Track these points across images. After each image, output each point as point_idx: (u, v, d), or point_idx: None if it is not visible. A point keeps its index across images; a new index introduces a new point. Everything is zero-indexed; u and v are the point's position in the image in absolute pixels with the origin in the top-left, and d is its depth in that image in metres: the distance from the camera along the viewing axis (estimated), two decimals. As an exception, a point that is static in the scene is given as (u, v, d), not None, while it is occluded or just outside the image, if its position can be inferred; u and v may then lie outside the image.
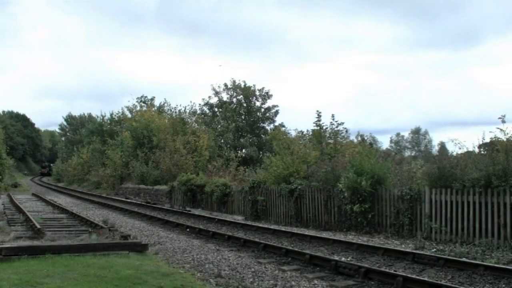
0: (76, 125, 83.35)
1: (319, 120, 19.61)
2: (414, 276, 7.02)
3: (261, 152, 43.31)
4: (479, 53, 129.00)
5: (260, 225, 14.80)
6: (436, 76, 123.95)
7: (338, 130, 19.99)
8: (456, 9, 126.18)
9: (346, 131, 20.50)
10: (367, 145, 18.88)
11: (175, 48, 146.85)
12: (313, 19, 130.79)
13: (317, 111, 20.01)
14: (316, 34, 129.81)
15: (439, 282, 6.80)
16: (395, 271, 7.68)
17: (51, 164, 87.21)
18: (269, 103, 47.22)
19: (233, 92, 46.47)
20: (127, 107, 48.42)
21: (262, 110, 47.12)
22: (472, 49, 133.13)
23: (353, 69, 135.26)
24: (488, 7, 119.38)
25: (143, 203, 24.86)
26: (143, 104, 46.02)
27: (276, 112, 47.11)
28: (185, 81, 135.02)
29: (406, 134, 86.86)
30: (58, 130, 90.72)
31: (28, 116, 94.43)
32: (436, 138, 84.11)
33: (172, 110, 42.39)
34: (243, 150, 43.25)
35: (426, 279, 6.92)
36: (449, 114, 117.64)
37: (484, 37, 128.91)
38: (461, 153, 12.66)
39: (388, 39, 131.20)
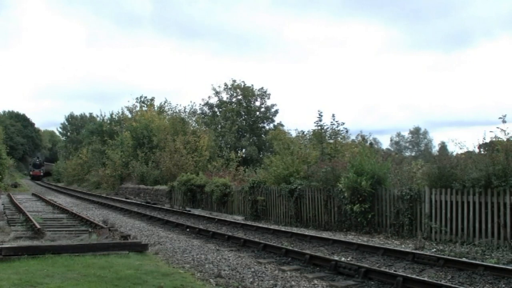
0: (77, 125, 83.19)
1: (320, 120, 19.58)
2: (414, 276, 7.01)
3: (261, 152, 43.33)
4: (472, 54, 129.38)
5: (260, 225, 14.80)
6: (433, 77, 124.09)
7: (339, 130, 19.97)
8: (448, 13, 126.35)
9: (347, 131, 20.50)
10: (367, 145, 18.85)
11: (172, 50, 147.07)
12: (308, 20, 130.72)
13: (318, 111, 20.02)
14: (311, 35, 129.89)
15: (439, 282, 6.80)
16: (395, 271, 7.68)
17: (50, 164, 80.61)
18: (268, 102, 47.32)
19: (233, 92, 46.49)
20: (127, 107, 48.55)
21: (262, 109, 47.14)
22: (465, 51, 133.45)
23: (351, 69, 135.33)
24: (480, 10, 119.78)
25: (143, 203, 24.87)
26: (142, 104, 46.08)
27: (276, 112, 47.14)
28: (183, 82, 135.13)
29: (405, 134, 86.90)
30: (59, 129, 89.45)
31: (28, 116, 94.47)
32: (434, 138, 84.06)
33: (173, 109, 42.51)
34: (243, 150, 43.26)
35: (426, 279, 6.92)
36: (447, 114, 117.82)
37: (476, 40, 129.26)
38: (461, 153, 12.65)
39: (383, 40, 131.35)
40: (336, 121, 19.67)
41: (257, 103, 47.16)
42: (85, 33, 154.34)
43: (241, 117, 46.04)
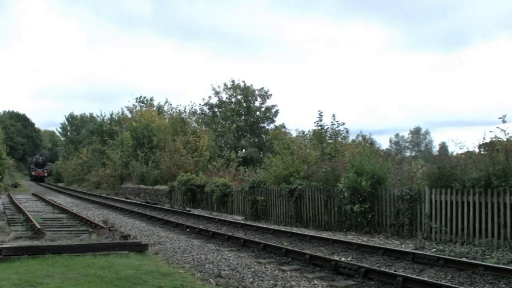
0: (77, 125, 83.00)
1: (320, 120, 19.56)
2: (414, 276, 7.02)
3: (261, 152, 43.31)
4: (472, 54, 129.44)
5: (260, 225, 14.80)
6: (432, 77, 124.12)
7: (339, 130, 19.96)
8: (447, 13, 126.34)
9: (347, 131, 20.49)
10: (367, 145, 18.84)
11: (171, 50, 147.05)
12: (308, 20, 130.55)
13: (319, 111, 19.99)
14: (311, 35, 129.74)
15: (439, 282, 6.80)
16: (395, 271, 7.68)
17: (50, 164, 75.76)
18: (268, 103, 47.28)
19: (233, 92, 46.45)
20: (127, 107, 48.56)
21: (262, 109, 47.10)
22: (464, 51, 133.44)
23: (351, 69, 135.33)
24: (479, 10, 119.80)
25: (143, 203, 24.87)
26: (142, 105, 46.09)
27: (276, 112, 47.07)
28: (183, 82, 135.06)
29: (405, 135, 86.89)
30: (59, 129, 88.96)
31: (28, 116, 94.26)
32: (434, 138, 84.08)
33: (173, 110, 42.55)
34: (243, 150, 43.26)
35: (426, 279, 6.92)
36: (447, 114, 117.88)
37: (475, 40, 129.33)
38: (461, 153, 12.65)
39: (382, 40, 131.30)
40: (337, 121, 19.66)
41: (257, 103, 47.15)
42: (85, 33, 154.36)
43: (241, 117, 46.01)
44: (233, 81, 46.35)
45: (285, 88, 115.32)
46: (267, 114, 46.97)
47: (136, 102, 47.05)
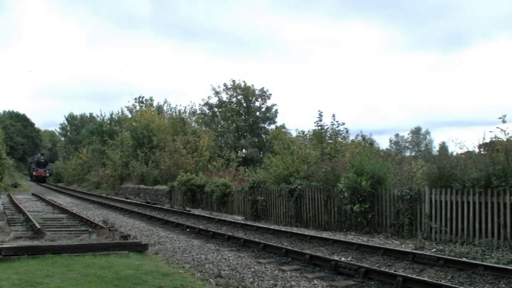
0: (77, 125, 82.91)
1: (320, 120, 19.54)
2: (414, 276, 7.02)
3: (261, 152, 43.31)
4: (472, 54, 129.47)
5: (260, 225, 14.80)
6: (432, 77, 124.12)
7: (339, 130, 19.96)
8: (447, 13, 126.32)
9: (347, 131, 20.48)
10: (367, 145, 18.84)
11: (171, 50, 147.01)
12: (308, 20, 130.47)
13: (319, 111, 19.97)
14: (311, 35, 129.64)
15: (439, 282, 6.80)
16: (395, 271, 7.68)
17: (51, 164, 73.46)
18: (268, 103, 47.28)
19: (233, 92, 46.46)
20: (127, 107, 48.56)
21: (262, 110, 47.11)
22: (464, 51, 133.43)
23: (352, 69, 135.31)
24: (479, 10, 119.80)
25: (143, 203, 24.87)
26: (141, 105, 46.09)
27: (276, 112, 47.07)
28: (183, 82, 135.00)
29: (405, 135, 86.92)
30: (58, 130, 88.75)
31: (28, 116, 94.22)
32: (434, 138, 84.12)
33: (172, 110, 42.57)
34: (243, 150, 43.26)
35: (426, 279, 6.92)
36: (447, 114, 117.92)
37: (475, 40, 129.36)
38: (461, 153, 12.66)
39: (382, 41, 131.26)
40: (336, 121, 19.65)
41: (257, 104, 47.15)
42: (85, 33, 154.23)
43: (241, 117, 46.01)
44: (233, 81, 46.40)
45: (285, 88, 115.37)
46: (267, 114, 46.96)
47: (136, 102, 47.12)
